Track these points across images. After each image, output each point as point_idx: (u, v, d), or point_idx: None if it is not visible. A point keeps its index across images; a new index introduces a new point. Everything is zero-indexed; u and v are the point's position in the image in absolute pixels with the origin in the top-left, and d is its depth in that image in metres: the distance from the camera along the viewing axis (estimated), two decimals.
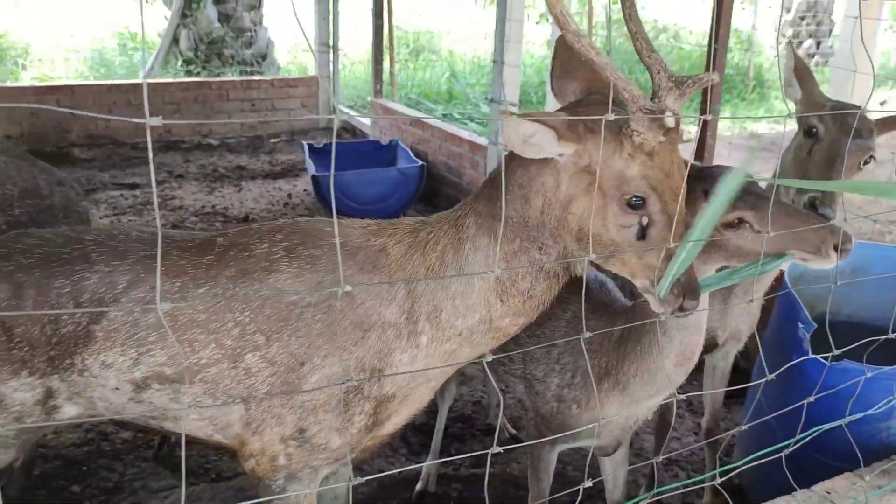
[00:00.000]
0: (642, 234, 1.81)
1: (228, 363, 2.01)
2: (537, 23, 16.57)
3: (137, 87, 9.83)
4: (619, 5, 1.75)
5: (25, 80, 11.82)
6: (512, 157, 1.89)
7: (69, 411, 2.14)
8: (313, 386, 1.99)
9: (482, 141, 6.59)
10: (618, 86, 1.68)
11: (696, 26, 14.87)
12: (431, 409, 3.96)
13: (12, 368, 2.06)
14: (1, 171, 2.62)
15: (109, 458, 3.52)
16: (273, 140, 9.65)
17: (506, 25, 6.19)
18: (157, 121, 1.16)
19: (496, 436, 1.80)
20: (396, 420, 2.19)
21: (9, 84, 10.09)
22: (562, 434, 2.45)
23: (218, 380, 2.02)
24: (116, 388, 2.05)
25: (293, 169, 8.58)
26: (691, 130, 9.82)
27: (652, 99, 1.75)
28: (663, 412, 3.10)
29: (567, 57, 2.02)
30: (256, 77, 11.14)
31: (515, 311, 1.98)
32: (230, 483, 3.34)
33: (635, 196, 1.78)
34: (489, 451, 1.70)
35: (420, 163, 6.73)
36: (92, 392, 2.08)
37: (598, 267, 2.27)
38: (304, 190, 7.73)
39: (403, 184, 6.51)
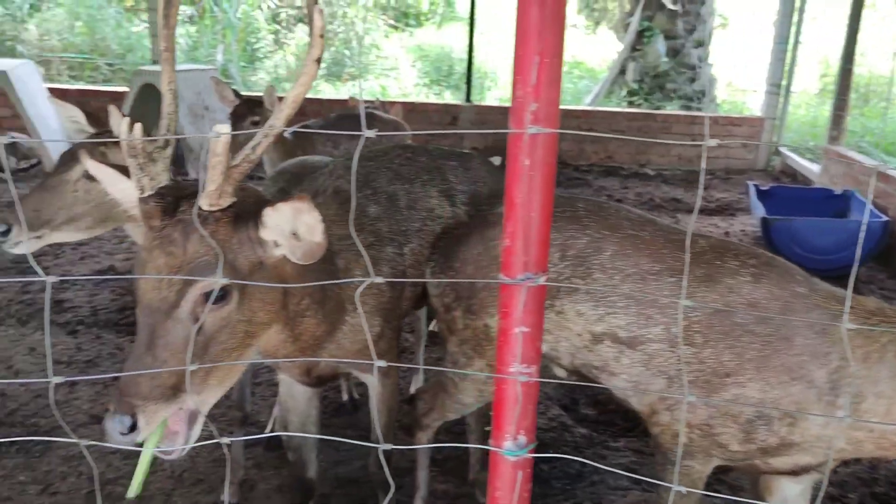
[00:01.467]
0: None
1: (668, 346, 2.26)
2: None
3: (587, 112, 10.60)
4: None
5: (491, 100, 13.41)
6: None
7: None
8: (729, 398, 2.16)
9: None
10: None
11: None
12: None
13: None
14: (475, 172, 3.11)
15: (571, 447, 3.94)
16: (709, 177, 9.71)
17: None
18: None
19: None
20: (791, 461, 2.25)
21: (479, 103, 11.49)
22: None
23: (655, 356, 2.28)
24: (579, 335, 2.42)
25: (728, 207, 8.55)
26: None
27: None
28: None
29: None
30: (700, 113, 11.29)
31: None
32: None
33: None
34: None
35: (884, 218, 6.31)
36: (559, 332, 2.45)
37: None
38: (742, 230, 7.68)
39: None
